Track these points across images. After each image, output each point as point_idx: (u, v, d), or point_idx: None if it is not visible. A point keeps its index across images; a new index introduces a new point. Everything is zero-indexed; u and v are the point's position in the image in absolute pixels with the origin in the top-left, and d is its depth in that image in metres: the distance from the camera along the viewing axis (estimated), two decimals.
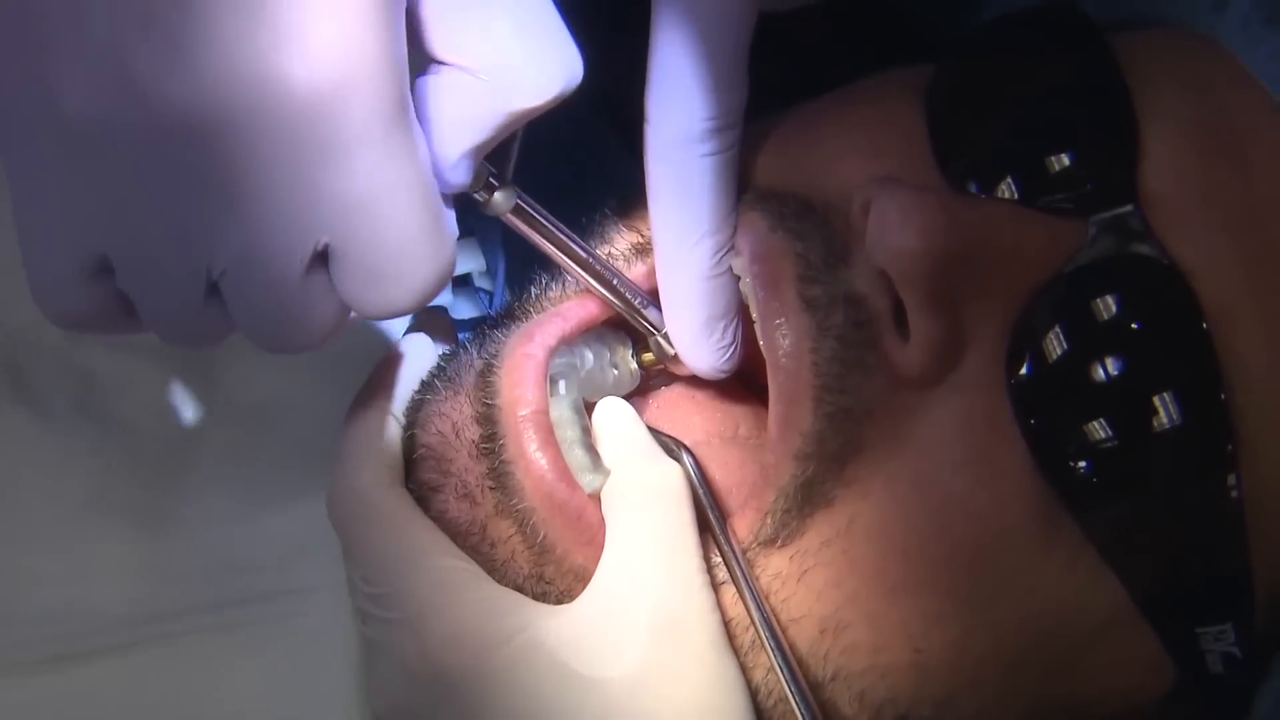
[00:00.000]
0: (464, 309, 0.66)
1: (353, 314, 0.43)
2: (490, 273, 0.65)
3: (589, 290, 0.51)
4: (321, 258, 0.41)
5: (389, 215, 0.41)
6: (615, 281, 0.51)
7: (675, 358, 0.51)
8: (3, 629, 0.60)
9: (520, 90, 0.43)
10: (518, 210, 0.48)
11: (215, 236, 0.40)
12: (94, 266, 0.41)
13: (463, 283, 0.66)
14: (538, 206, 0.49)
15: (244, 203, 0.39)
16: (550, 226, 0.49)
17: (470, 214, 0.48)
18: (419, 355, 0.54)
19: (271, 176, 0.39)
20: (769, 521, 0.48)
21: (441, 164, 0.43)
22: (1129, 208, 0.47)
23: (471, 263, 0.65)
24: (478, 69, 0.42)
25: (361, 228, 0.40)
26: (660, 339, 0.51)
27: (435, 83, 0.43)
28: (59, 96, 0.38)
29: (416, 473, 0.51)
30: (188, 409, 0.63)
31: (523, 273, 0.64)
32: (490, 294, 0.66)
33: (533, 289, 0.54)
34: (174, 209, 0.40)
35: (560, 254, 0.50)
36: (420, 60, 0.43)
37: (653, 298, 0.51)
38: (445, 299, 0.65)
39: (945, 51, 0.54)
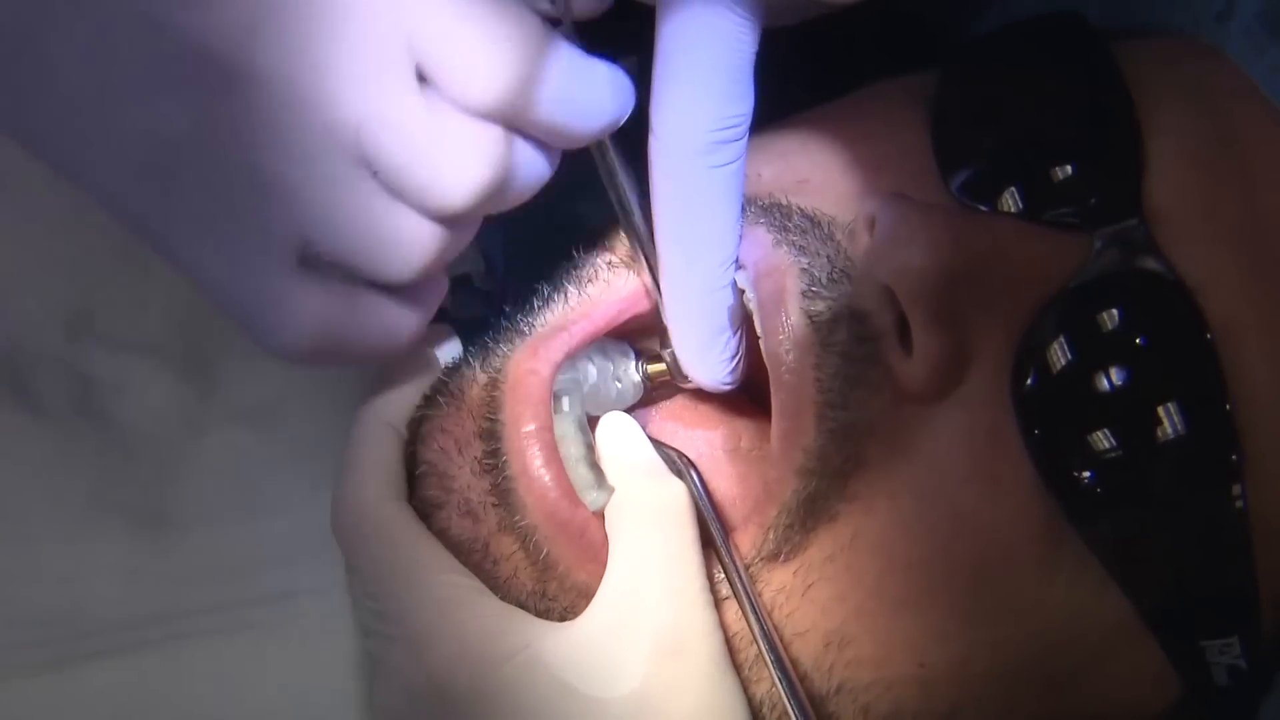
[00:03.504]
0: (464, 311, 0.66)
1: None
2: (491, 274, 0.65)
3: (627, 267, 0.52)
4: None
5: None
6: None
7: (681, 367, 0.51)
8: (2, 630, 0.60)
9: None
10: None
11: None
12: (296, 256, 0.43)
13: (463, 284, 0.65)
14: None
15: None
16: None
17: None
18: (421, 367, 0.54)
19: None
20: (771, 536, 0.48)
21: None
22: (1133, 221, 0.47)
23: (471, 264, 0.65)
24: None
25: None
26: None
27: None
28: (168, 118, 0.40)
29: (419, 488, 0.51)
30: (187, 410, 0.62)
31: (523, 275, 0.64)
32: (490, 294, 0.66)
33: (535, 300, 0.53)
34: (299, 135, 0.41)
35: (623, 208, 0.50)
36: None
37: (654, 311, 0.51)
38: (445, 301, 0.65)
39: (949, 61, 0.54)
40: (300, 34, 0.40)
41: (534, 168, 0.46)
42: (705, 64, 0.45)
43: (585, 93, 0.44)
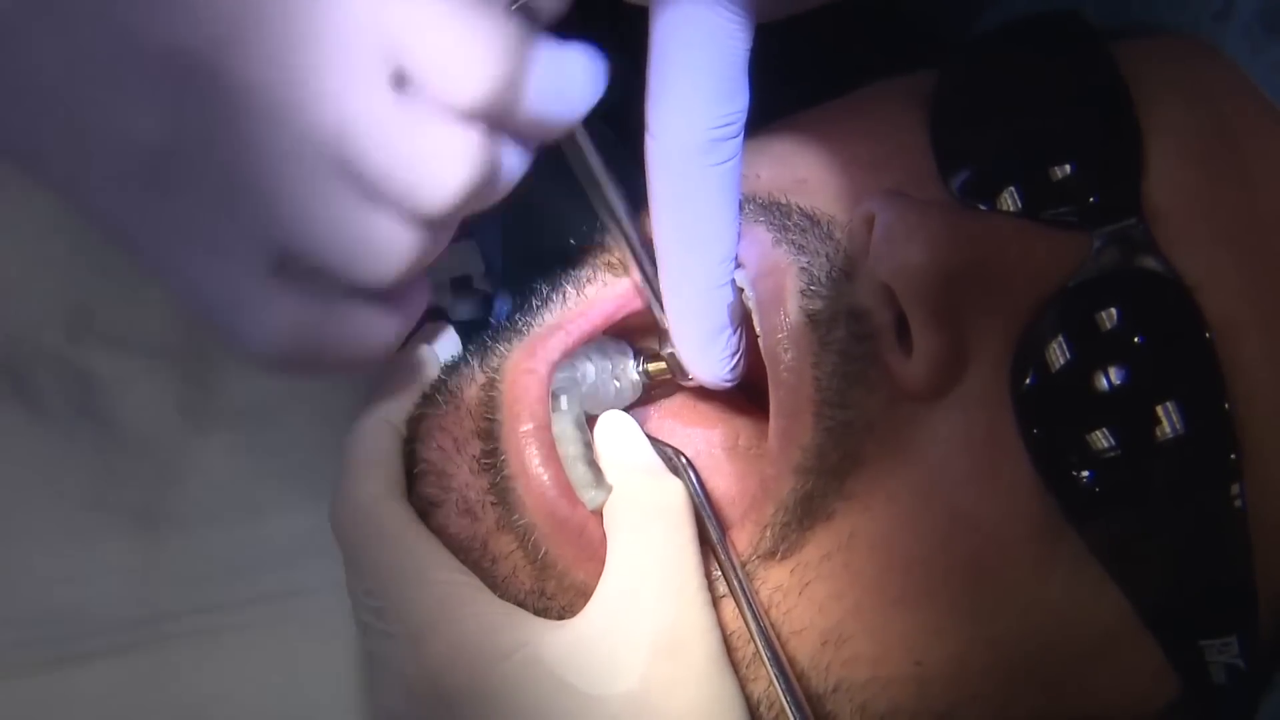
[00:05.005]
0: (464, 312, 0.66)
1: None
2: (490, 275, 0.65)
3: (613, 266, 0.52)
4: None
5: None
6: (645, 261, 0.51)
7: (681, 365, 0.51)
8: (2, 630, 0.60)
9: None
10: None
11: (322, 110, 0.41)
12: (274, 262, 0.42)
13: (463, 285, 0.65)
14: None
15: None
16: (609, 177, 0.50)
17: (469, 218, 0.48)
18: (421, 366, 0.54)
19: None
20: (768, 534, 0.48)
21: None
22: (1133, 221, 0.47)
23: (471, 265, 0.65)
24: None
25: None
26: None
27: None
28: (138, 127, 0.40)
29: (418, 487, 0.51)
30: (187, 410, 0.62)
31: (522, 275, 0.64)
32: (491, 295, 0.66)
33: (534, 300, 0.54)
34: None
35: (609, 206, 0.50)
36: None
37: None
38: (444, 301, 0.65)
39: (947, 60, 0.54)
40: (276, 40, 0.40)
41: (514, 163, 0.46)
42: (699, 62, 0.45)
43: (565, 83, 0.44)
